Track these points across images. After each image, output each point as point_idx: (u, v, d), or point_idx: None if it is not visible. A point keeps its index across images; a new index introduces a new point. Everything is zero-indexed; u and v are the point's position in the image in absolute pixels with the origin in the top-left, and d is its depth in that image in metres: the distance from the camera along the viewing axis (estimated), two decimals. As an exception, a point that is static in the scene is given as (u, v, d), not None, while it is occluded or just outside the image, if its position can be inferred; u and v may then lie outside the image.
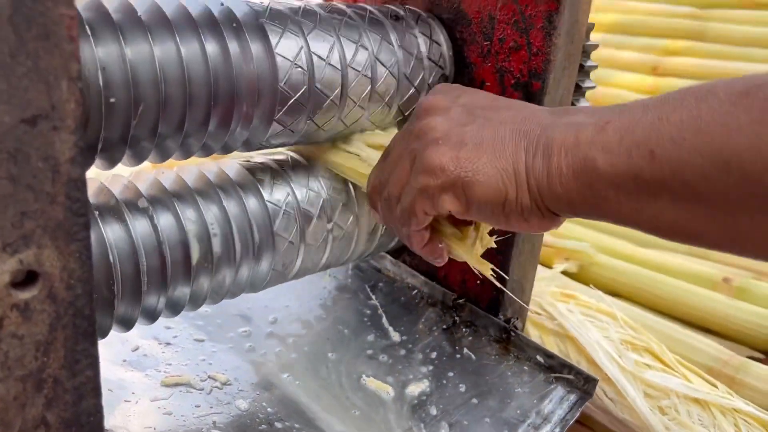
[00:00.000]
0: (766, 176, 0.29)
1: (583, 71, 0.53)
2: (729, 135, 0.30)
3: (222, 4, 0.43)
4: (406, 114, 0.55)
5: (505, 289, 0.53)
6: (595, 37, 0.55)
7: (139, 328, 0.49)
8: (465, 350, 0.58)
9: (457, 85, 0.47)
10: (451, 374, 0.56)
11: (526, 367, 0.57)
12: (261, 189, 0.50)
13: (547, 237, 0.86)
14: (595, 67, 0.54)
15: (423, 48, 0.53)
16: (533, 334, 0.63)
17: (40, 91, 0.26)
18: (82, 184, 0.28)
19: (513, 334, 0.58)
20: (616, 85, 1.27)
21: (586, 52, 0.53)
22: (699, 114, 0.31)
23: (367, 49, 0.49)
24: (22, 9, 0.25)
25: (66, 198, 0.28)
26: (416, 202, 0.42)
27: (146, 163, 0.44)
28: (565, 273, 0.83)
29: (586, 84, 0.54)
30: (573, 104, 0.55)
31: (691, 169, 0.31)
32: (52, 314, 0.29)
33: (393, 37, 0.51)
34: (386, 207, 0.45)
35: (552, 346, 0.62)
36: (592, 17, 0.53)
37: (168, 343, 0.57)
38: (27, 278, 0.28)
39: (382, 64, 0.50)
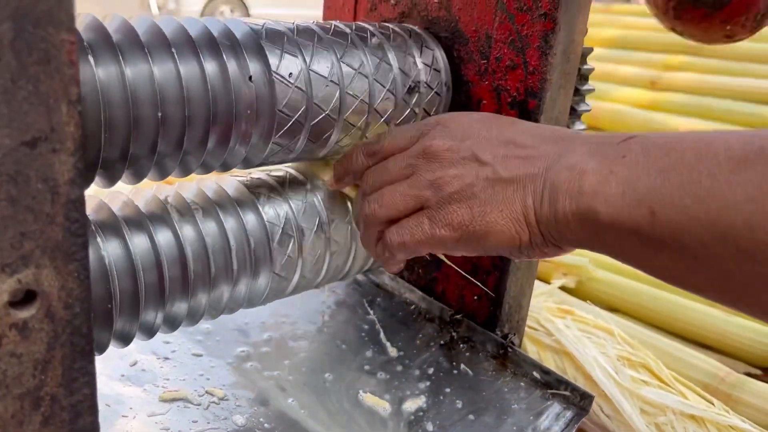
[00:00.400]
0: (759, 253, 0.30)
1: (579, 94, 0.54)
2: (726, 209, 0.31)
3: (222, 25, 0.44)
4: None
5: (483, 287, 0.53)
6: (594, 52, 0.56)
7: (138, 343, 0.50)
8: (462, 366, 0.59)
9: (457, 115, 0.47)
10: (448, 390, 0.56)
11: (522, 384, 0.57)
12: (258, 205, 0.50)
13: (545, 252, 0.86)
14: (592, 90, 0.55)
15: (421, 67, 0.54)
16: (531, 349, 0.63)
17: (41, 115, 0.27)
18: (81, 204, 0.29)
19: (510, 350, 0.58)
20: (616, 99, 1.28)
21: (584, 75, 0.54)
22: (699, 179, 0.32)
23: (365, 69, 0.50)
24: (23, 34, 0.26)
25: (65, 219, 0.29)
26: (422, 244, 0.43)
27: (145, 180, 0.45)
28: (562, 288, 0.83)
29: (581, 107, 0.54)
30: (569, 126, 0.56)
31: (689, 236, 0.32)
32: (50, 333, 0.30)
33: (391, 57, 0.52)
34: (371, 221, 0.46)
35: (549, 361, 0.62)
36: (592, 32, 0.54)
37: (166, 358, 0.57)
38: (25, 297, 0.29)
39: (381, 84, 0.51)
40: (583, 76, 0.55)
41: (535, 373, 0.57)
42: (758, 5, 0.59)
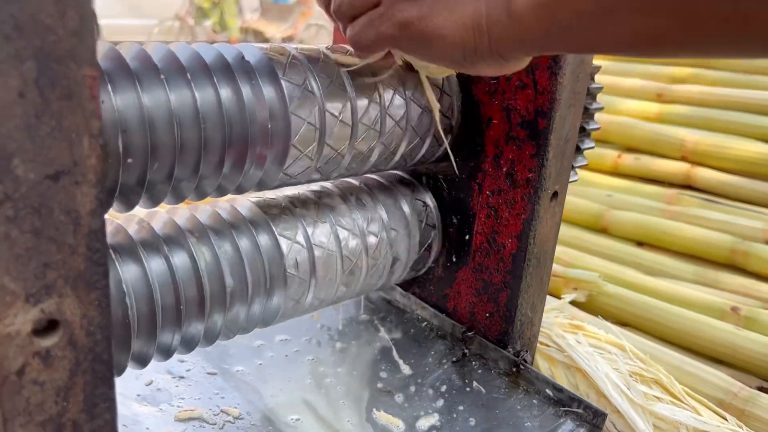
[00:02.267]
0: None
1: (588, 113, 0.54)
2: None
3: (242, 57, 0.45)
4: (414, 152, 0.56)
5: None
6: (600, 63, 0.56)
7: (153, 362, 0.50)
8: (475, 383, 0.59)
9: None
10: (461, 408, 0.57)
11: (535, 401, 0.57)
12: (273, 226, 0.51)
13: (556, 267, 0.86)
14: (601, 108, 0.55)
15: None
16: (542, 365, 0.63)
17: (63, 149, 0.27)
18: (102, 234, 0.30)
19: (522, 367, 0.58)
20: (621, 112, 1.28)
21: (592, 94, 0.54)
22: None
23: (378, 102, 0.51)
24: (47, 72, 0.26)
25: (87, 249, 0.29)
26: (373, 42, 0.43)
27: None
28: (573, 303, 0.83)
29: (591, 126, 0.55)
30: (578, 146, 0.56)
31: None
32: (72, 360, 0.30)
33: (402, 88, 0.52)
34: (338, 17, 0.46)
35: (561, 377, 0.62)
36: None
37: (181, 377, 0.57)
38: (48, 326, 0.29)
39: (391, 118, 0.51)
40: (592, 95, 0.55)
41: (547, 391, 0.57)
42: None
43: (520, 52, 0.40)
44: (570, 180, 0.58)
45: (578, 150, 0.57)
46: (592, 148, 0.59)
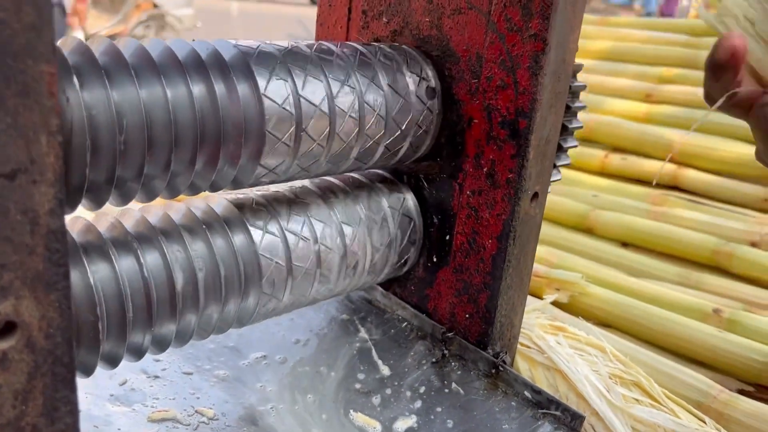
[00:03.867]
0: None
1: (571, 111, 0.53)
2: None
3: (216, 53, 0.44)
4: (394, 151, 0.55)
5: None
6: (588, 63, 0.56)
7: (127, 362, 0.50)
8: (453, 385, 0.58)
9: None
10: (439, 409, 0.56)
11: (514, 403, 0.57)
12: (248, 224, 0.50)
13: (538, 267, 0.86)
14: (583, 107, 0.55)
15: (412, 87, 0.54)
16: (522, 366, 0.63)
17: (20, 146, 0.27)
18: (61, 235, 0.29)
19: (501, 368, 0.58)
20: (609, 112, 1.28)
21: (574, 93, 0.54)
22: None
23: (354, 89, 0.50)
24: (2, 67, 0.26)
25: (45, 249, 0.29)
26: None
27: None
28: (555, 303, 0.83)
29: (573, 124, 0.54)
30: (560, 144, 0.56)
31: None
32: (31, 363, 0.30)
33: (381, 77, 0.52)
34: None
35: (541, 379, 0.62)
36: (586, 44, 0.54)
37: (156, 377, 0.57)
38: (5, 328, 0.28)
39: (370, 107, 0.51)
40: (574, 94, 0.55)
41: (526, 393, 0.57)
42: None
43: None
44: (553, 179, 0.58)
45: (561, 149, 0.57)
46: (575, 146, 0.58)
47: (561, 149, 0.58)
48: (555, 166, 0.58)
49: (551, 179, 0.57)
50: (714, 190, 1.10)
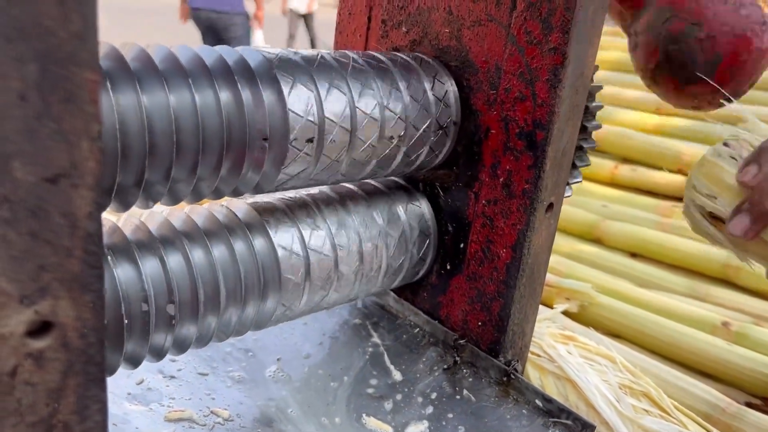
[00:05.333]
0: None
1: (586, 131, 0.54)
2: None
3: (243, 60, 0.45)
4: (413, 158, 0.56)
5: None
6: (599, 74, 0.57)
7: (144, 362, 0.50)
8: (465, 392, 0.59)
9: None
10: (450, 416, 0.57)
11: (524, 411, 0.57)
12: (268, 229, 0.51)
13: (549, 277, 0.86)
14: (599, 127, 0.55)
15: (431, 97, 0.54)
16: (533, 375, 0.63)
17: (62, 151, 0.28)
18: (98, 238, 0.30)
19: (513, 376, 0.59)
20: (620, 123, 1.28)
21: (591, 112, 0.54)
22: None
23: (376, 98, 0.51)
24: (48, 75, 0.26)
25: (83, 251, 0.29)
26: None
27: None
28: (565, 313, 0.84)
29: (588, 144, 0.55)
30: (574, 163, 0.56)
31: None
32: (65, 362, 0.30)
33: (402, 86, 0.53)
34: None
35: (551, 387, 0.63)
36: (598, 55, 0.55)
37: (172, 377, 0.57)
38: (42, 328, 0.29)
39: (391, 115, 0.51)
40: (591, 113, 0.55)
41: (537, 401, 0.57)
42: (724, 89, 0.63)
43: None
44: (564, 195, 0.58)
45: (574, 166, 0.58)
46: (587, 165, 0.59)
47: (574, 167, 0.59)
48: (567, 183, 0.59)
49: (564, 194, 0.58)
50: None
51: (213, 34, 3.63)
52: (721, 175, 0.55)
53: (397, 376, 0.61)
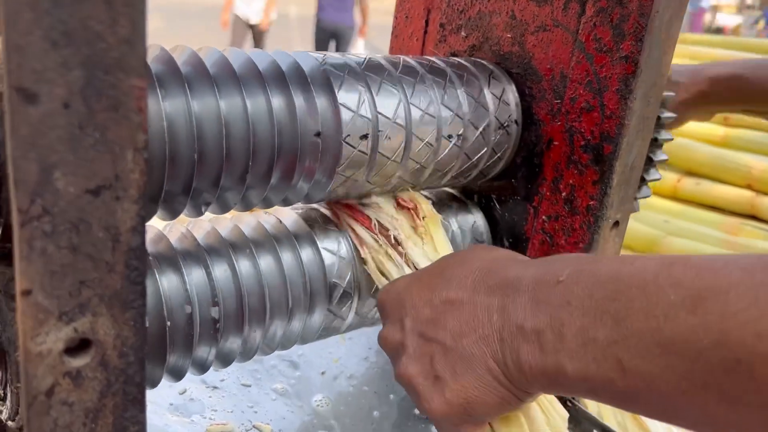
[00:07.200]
0: (745, 396, 0.28)
1: (657, 143, 0.51)
2: (698, 357, 0.28)
3: (296, 65, 0.43)
4: (474, 159, 0.54)
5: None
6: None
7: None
8: (517, 416, 0.56)
9: (402, 292, 0.44)
10: (501, 441, 0.54)
11: (581, 441, 0.54)
12: (316, 239, 0.49)
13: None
14: (670, 139, 0.52)
15: (492, 107, 0.52)
16: (590, 404, 0.60)
17: (106, 162, 0.26)
18: (141, 252, 0.28)
19: (570, 404, 0.55)
20: (685, 134, 1.22)
21: (662, 124, 0.51)
22: (658, 325, 0.30)
23: (434, 107, 0.48)
24: (94, 81, 0.25)
25: (125, 267, 0.28)
26: None
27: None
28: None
29: (659, 157, 0.51)
30: (642, 177, 0.53)
31: (666, 385, 0.30)
32: (103, 381, 0.29)
33: (461, 95, 0.50)
34: None
35: (609, 417, 0.59)
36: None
37: (215, 387, 0.56)
38: (80, 345, 0.28)
39: (448, 126, 0.49)
40: (662, 125, 0.52)
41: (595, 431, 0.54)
42: None
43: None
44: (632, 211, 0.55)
45: (642, 180, 0.54)
46: (657, 179, 0.55)
47: (642, 181, 0.55)
48: (634, 198, 0.55)
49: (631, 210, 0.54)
50: (795, 221, 1.05)
51: (330, 40, 4.58)
52: None
53: (446, 396, 0.58)
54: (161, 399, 0.53)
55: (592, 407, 0.60)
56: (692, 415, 0.30)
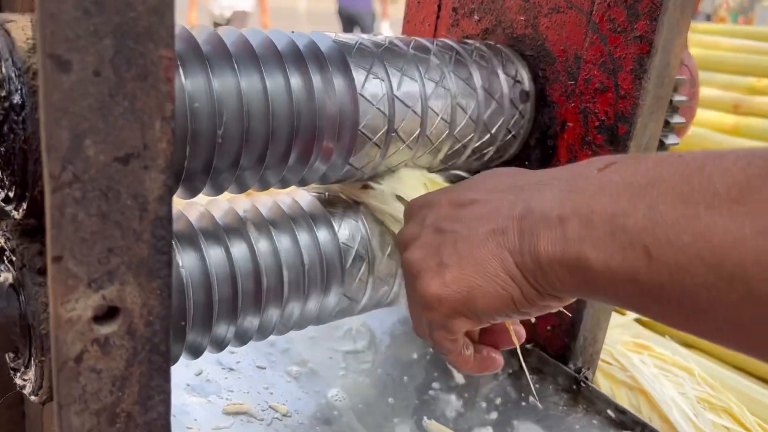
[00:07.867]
0: None
1: (668, 126, 0.51)
2: (733, 245, 0.26)
3: (306, 39, 0.43)
4: (481, 153, 0.54)
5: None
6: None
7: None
8: (531, 398, 0.56)
9: (431, 195, 0.43)
10: (515, 422, 0.54)
11: (595, 421, 0.54)
12: (333, 221, 0.49)
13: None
14: (682, 123, 0.52)
15: (506, 89, 0.52)
16: (603, 384, 0.60)
17: (135, 131, 0.26)
18: (168, 222, 0.28)
19: (583, 384, 0.56)
20: (696, 122, 1.22)
21: (675, 107, 0.51)
22: (696, 212, 0.28)
23: (449, 91, 0.48)
24: (123, 50, 0.25)
25: (152, 236, 0.28)
26: (435, 336, 0.40)
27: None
28: (638, 321, 0.80)
29: (670, 140, 0.52)
30: (661, 141, 0.53)
31: (691, 278, 0.28)
32: (130, 350, 0.29)
33: (476, 78, 0.50)
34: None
35: (623, 398, 0.59)
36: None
37: (231, 369, 0.57)
38: (108, 313, 0.28)
39: (463, 109, 0.49)
40: (674, 108, 0.52)
41: (609, 411, 0.54)
42: None
43: (565, 295, 0.36)
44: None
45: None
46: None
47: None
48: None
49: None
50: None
51: (352, 25, 4.93)
52: None
53: (460, 378, 0.58)
54: (178, 379, 0.53)
55: (606, 388, 0.60)
56: (711, 318, 0.28)
